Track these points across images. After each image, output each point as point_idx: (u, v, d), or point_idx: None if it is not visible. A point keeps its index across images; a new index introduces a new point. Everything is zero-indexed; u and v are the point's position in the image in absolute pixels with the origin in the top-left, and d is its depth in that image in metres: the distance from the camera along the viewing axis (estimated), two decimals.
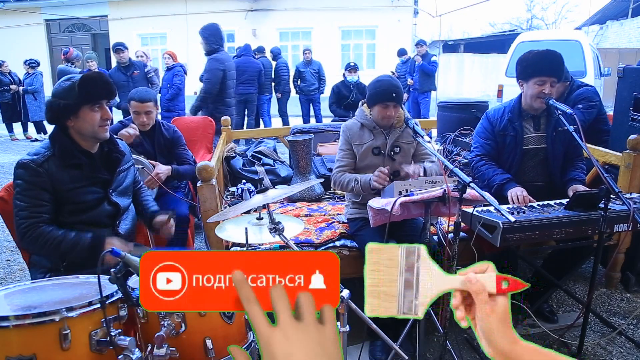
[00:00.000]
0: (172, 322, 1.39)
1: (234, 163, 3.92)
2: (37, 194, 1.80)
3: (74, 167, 1.87)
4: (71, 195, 1.86)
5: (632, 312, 2.75)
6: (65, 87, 1.82)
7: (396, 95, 2.36)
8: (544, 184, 2.65)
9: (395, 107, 2.39)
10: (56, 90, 1.85)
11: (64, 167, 1.85)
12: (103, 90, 1.86)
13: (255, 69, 7.94)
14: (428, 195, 1.97)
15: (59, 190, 1.83)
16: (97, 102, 1.86)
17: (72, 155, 1.87)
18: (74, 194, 1.87)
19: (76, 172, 1.88)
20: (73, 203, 1.87)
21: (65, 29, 17.14)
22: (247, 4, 15.63)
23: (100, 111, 1.87)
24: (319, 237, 2.60)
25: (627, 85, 3.19)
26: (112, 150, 2.03)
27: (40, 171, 1.79)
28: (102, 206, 1.96)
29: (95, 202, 1.94)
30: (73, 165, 1.87)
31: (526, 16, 29.68)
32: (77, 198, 1.88)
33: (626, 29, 16.92)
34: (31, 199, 1.79)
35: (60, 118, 1.85)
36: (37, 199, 1.80)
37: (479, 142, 2.74)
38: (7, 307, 1.32)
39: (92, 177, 1.92)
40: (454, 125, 3.81)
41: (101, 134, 1.91)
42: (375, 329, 1.65)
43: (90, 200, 1.92)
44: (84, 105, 1.83)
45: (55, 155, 1.84)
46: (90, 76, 1.85)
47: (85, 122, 1.85)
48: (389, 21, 15.50)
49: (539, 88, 2.46)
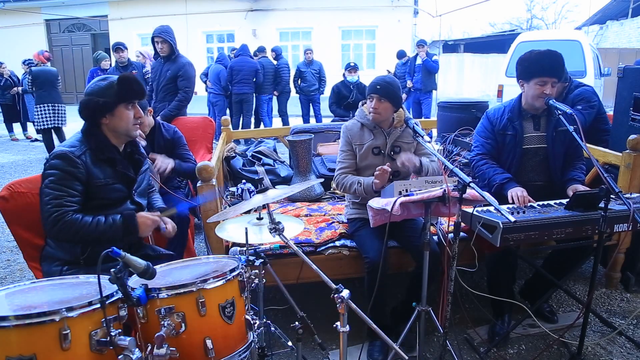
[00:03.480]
0: (172, 322, 1.39)
1: (234, 163, 3.93)
2: (72, 184, 1.86)
3: (106, 163, 1.96)
4: (100, 191, 1.93)
5: (632, 312, 2.75)
6: (102, 86, 1.92)
7: (380, 88, 2.36)
8: (543, 184, 2.65)
9: (379, 99, 2.37)
10: (92, 89, 1.93)
11: (99, 161, 1.94)
12: (138, 90, 1.97)
13: (251, 68, 7.95)
14: (428, 195, 1.98)
15: (91, 184, 1.91)
16: (132, 101, 1.97)
17: (108, 149, 1.96)
18: (104, 190, 1.94)
19: (108, 168, 1.97)
20: (100, 199, 1.94)
21: (65, 29, 17.14)
22: (247, 4, 15.63)
23: (133, 110, 1.98)
24: (319, 237, 2.60)
25: (627, 85, 3.19)
26: (134, 152, 2.12)
27: (78, 162, 1.87)
28: (125, 205, 2.03)
29: (120, 200, 2.01)
30: (106, 161, 1.96)
31: (526, 16, 29.72)
32: (104, 194, 1.95)
33: (626, 29, 16.92)
34: (65, 188, 1.85)
35: (96, 115, 1.94)
36: (71, 188, 1.86)
37: (480, 141, 2.74)
38: (7, 307, 1.32)
39: (121, 174, 2.00)
40: (454, 125, 3.81)
41: (133, 132, 2.02)
42: (375, 329, 1.65)
43: (115, 197, 1.99)
44: (120, 104, 1.93)
45: (91, 149, 1.93)
46: (128, 76, 1.95)
47: (121, 119, 1.95)
48: (389, 21, 15.50)
49: (540, 88, 2.46)
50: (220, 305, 1.47)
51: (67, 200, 1.84)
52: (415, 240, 2.29)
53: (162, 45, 4.24)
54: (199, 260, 1.83)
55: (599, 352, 2.39)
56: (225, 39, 16.47)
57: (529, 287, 2.74)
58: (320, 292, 2.31)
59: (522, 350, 2.44)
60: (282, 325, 2.16)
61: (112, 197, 1.98)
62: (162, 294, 1.41)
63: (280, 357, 2.32)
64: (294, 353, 1.95)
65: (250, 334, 1.59)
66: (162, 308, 1.39)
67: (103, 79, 1.95)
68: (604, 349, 2.42)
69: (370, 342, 2.38)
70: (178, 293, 1.41)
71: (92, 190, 1.91)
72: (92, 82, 1.98)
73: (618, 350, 2.40)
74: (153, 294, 1.40)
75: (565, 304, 2.89)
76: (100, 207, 1.94)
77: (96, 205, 1.93)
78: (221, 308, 1.47)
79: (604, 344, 2.45)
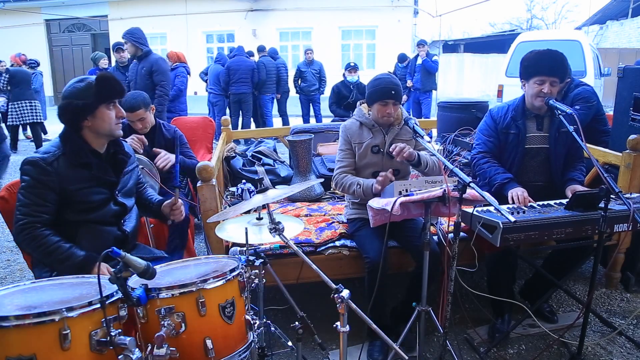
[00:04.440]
0: (172, 322, 1.39)
1: (234, 163, 3.93)
2: (42, 192, 1.81)
3: (82, 167, 1.89)
4: (78, 195, 1.87)
5: (632, 312, 2.75)
6: (81, 87, 1.85)
7: (395, 93, 2.37)
8: (544, 184, 2.65)
9: (394, 104, 2.39)
10: (70, 91, 1.86)
11: (74, 166, 1.87)
12: (118, 89, 1.91)
13: (248, 68, 7.95)
14: (428, 195, 1.98)
15: (66, 189, 1.84)
16: (112, 101, 1.91)
17: (83, 154, 1.89)
18: (81, 193, 1.88)
19: (85, 172, 1.89)
20: (80, 202, 1.89)
21: (65, 29, 17.13)
22: (247, 4, 15.62)
23: (115, 109, 1.92)
24: (319, 237, 2.60)
25: (627, 85, 3.19)
26: (117, 152, 2.06)
27: (49, 170, 1.81)
28: (108, 206, 1.97)
29: (102, 203, 1.95)
30: (82, 165, 1.89)
31: (526, 16, 29.72)
32: (84, 198, 1.89)
33: (626, 29, 16.92)
34: (35, 197, 1.80)
35: (77, 118, 1.87)
36: (40, 197, 1.80)
37: (482, 139, 2.74)
38: (7, 307, 1.32)
39: (99, 178, 1.93)
40: (454, 125, 3.81)
41: (116, 132, 1.96)
42: (375, 329, 1.65)
43: (96, 200, 1.93)
44: (101, 104, 1.87)
45: (65, 154, 1.86)
46: (105, 76, 1.89)
47: (103, 120, 1.89)
48: (389, 21, 15.49)
49: (538, 87, 2.47)
50: (220, 305, 1.47)
51: (34, 209, 1.79)
52: (415, 240, 2.29)
53: (126, 46, 4.57)
54: (199, 260, 1.83)
55: (599, 352, 2.39)
56: (225, 39, 16.47)
57: (529, 287, 2.74)
58: (320, 292, 2.31)
59: (522, 350, 2.44)
60: (282, 325, 2.16)
61: (93, 200, 1.91)
62: (162, 294, 1.40)
63: (280, 357, 2.32)
64: (294, 353, 1.95)
65: (250, 334, 1.59)
66: (162, 308, 1.39)
67: (80, 80, 1.88)
68: (604, 349, 2.42)
69: (370, 342, 2.38)
70: (178, 293, 1.41)
71: (69, 195, 1.85)
72: (68, 84, 1.90)
73: (618, 350, 2.40)
74: (153, 294, 1.40)
75: (565, 304, 2.89)
76: (83, 210, 1.89)
77: (79, 209, 1.88)
78: (221, 308, 1.47)
79: (604, 344, 2.45)
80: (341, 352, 1.62)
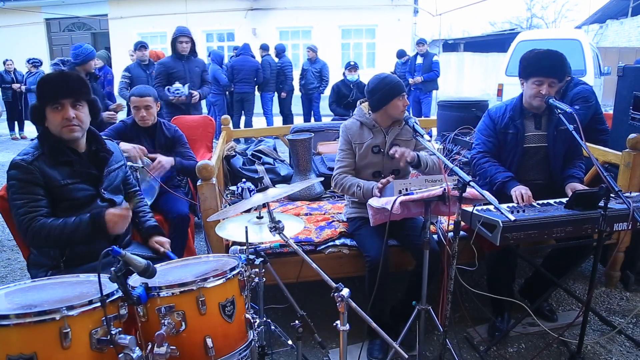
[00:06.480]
0: (172, 320, 1.39)
1: (234, 162, 3.92)
2: (32, 189, 1.82)
3: (64, 165, 1.89)
4: (64, 192, 1.88)
5: (632, 311, 2.76)
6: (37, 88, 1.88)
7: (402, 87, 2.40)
8: (544, 183, 2.65)
9: (404, 96, 2.41)
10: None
11: (55, 164, 1.87)
12: (61, 89, 1.83)
13: (252, 67, 7.94)
14: (428, 194, 1.98)
15: (51, 186, 1.85)
16: (57, 103, 1.84)
17: (62, 152, 1.89)
18: (66, 190, 1.89)
19: (66, 169, 1.90)
20: (67, 200, 1.89)
21: (65, 28, 17.14)
22: (247, 3, 15.63)
23: (61, 111, 1.84)
24: (319, 235, 2.60)
25: (627, 84, 3.19)
26: (99, 150, 2.04)
27: (31, 168, 1.81)
28: (95, 203, 1.97)
29: (88, 199, 1.95)
30: (63, 163, 1.89)
31: (526, 15, 29.76)
32: (70, 195, 1.89)
33: (626, 28, 16.92)
34: (27, 195, 1.81)
35: (38, 119, 1.89)
36: (32, 194, 1.82)
37: (481, 139, 2.74)
38: (8, 306, 1.32)
39: (82, 173, 1.93)
40: (454, 124, 3.81)
41: (65, 135, 1.88)
42: (375, 327, 1.65)
43: (82, 197, 1.93)
44: (46, 107, 1.85)
45: (45, 153, 1.86)
46: (48, 77, 1.86)
47: (50, 123, 1.87)
48: (388, 20, 15.49)
49: (537, 88, 2.47)
50: (220, 304, 1.47)
51: (32, 206, 1.80)
52: (415, 239, 2.29)
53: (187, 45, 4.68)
54: (199, 259, 1.83)
55: (599, 351, 2.39)
56: (225, 38, 16.47)
57: (529, 286, 2.75)
58: (320, 290, 2.31)
59: (522, 349, 2.44)
60: (282, 323, 2.17)
61: (79, 197, 1.92)
62: (163, 292, 1.41)
63: (280, 355, 2.33)
64: (294, 352, 1.95)
65: (251, 332, 1.59)
66: (163, 307, 1.39)
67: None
68: (604, 347, 2.42)
69: (370, 341, 2.39)
70: (178, 292, 1.41)
71: (55, 192, 1.86)
72: None
73: (617, 349, 2.41)
74: (153, 292, 1.40)
75: (564, 303, 2.89)
76: (71, 207, 1.89)
77: (67, 207, 1.89)
78: (221, 307, 1.47)
79: (604, 342, 2.46)
80: (341, 350, 1.62)
